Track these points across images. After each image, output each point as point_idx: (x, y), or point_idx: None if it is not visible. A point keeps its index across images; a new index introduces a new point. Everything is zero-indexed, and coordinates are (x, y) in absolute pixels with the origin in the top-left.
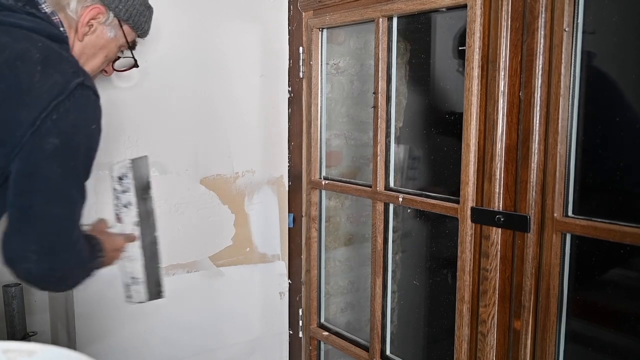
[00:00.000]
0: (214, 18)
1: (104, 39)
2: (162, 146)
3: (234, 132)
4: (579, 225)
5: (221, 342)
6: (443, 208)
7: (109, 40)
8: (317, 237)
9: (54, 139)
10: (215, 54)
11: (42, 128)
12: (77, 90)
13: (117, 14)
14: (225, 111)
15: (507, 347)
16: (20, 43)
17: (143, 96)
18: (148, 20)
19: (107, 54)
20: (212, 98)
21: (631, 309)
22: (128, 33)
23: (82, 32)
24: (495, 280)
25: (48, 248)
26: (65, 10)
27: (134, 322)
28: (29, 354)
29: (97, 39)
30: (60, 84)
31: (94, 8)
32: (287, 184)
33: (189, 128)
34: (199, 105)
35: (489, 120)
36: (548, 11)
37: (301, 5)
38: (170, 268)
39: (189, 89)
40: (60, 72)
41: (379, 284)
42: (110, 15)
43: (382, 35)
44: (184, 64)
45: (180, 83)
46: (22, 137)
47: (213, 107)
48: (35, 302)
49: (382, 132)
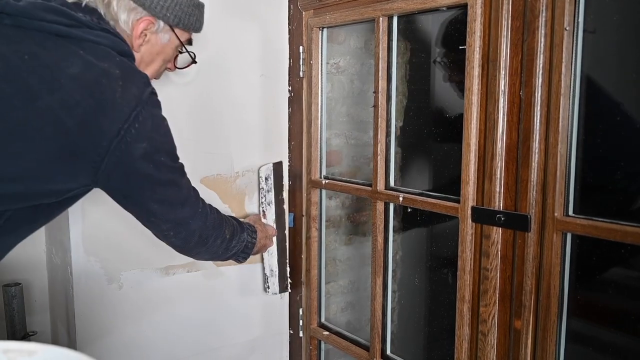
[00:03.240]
0: (214, 17)
1: (159, 45)
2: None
3: (234, 131)
4: (580, 225)
5: (221, 341)
6: (443, 207)
7: (163, 45)
8: (317, 237)
9: (142, 143)
10: (215, 53)
11: (126, 136)
12: (150, 98)
13: (166, 21)
14: (225, 110)
15: (508, 346)
16: (103, 61)
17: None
18: (199, 18)
19: (164, 57)
20: (212, 97)
21: (632, 309)
22: (181, 34)
23: (137, 44)
24: (496, 279)
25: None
26: (118, 24)
27: (134, 322)
28: (29, 354)
29: (152, 47)
30: (137, 95)
31: (144, 20)
32: (287, 183)
33: (189, 127)
34: (199, 104)
35: (490, 120)
36: (549, 10)
37: (301, 4)
38: (170, 268)
39: (188, 88)
40: (136, 85)
41: (380, 284)
42: (160, 23)
43: (382, 34)
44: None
45: (180, 82)
46: (109, 146)
47: (213, 106)
48: (35, 302)
49: (383, 132)
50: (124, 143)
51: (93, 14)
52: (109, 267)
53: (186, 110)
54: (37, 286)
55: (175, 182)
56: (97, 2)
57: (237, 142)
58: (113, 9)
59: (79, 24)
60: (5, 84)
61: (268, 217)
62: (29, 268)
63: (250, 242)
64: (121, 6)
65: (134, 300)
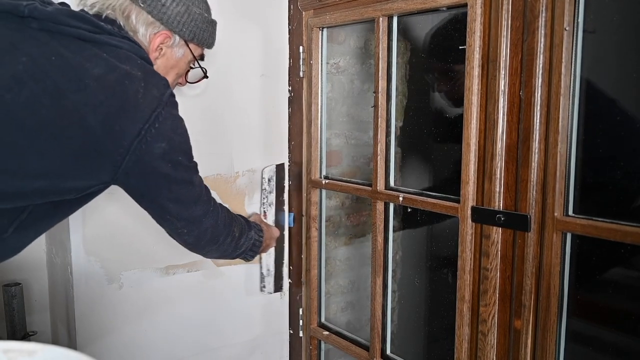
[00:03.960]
0: (214, 17)
1: (174, 59)
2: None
3: (234, 131)
4: (580, 225)
5: (221, 341)
6: (443, 207)
7: (178, 59)
8: (317, 237)
9: (161, 143)
10: (215, 53)
11: (147, 136)
12: (169, 99)
13: (182, 36)
14: (225, 110)
15: (508, 346)
16: (125, 64)
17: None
18: (212, 34)
19: (177, 71)
20: (212, 97)
21: (632, 309)
22: (194, 49)
23: (153, 57)
24: (496, 279)
25: (189, 222)
26: (136, 36)
27: (134, 322)
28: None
29: (167, 60)
30: (157, 97)
31: (161, 34)
32: (288, 183)
33: (189, 127)
34: (199, 104)
35: (489, 120)
36: (548, 10)
37: (301, 4)
38: (170, 268)
39: (188, 88)
40: (156, 87)
41: (379, 284)
42: (176, 38)
43: (382, 34)
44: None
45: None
46: (130, 145)
47: (213, 107)
48: (35, 301)
49: (383, 132)
50: (145, 143)
51: (114, 24)
52: (109, 267)
53: (186, 110)
54: (37, 286)
55: (191, 181)
56: (116, 14)
57: (237, 142)
58: (132, 22)
59: (101, 31)
60: (34, 83)
61: (269, 218)
62: (29, 268)
63: (257, 241)
64: (140, 20)
65: (134, 300)
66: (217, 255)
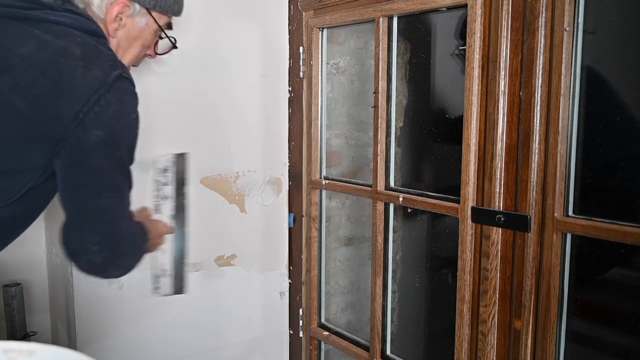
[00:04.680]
0: (214, 17)
1: (136, 30)
2: (162, 146)
3: (234, 131)
4: (580, 225)
5: (222, 341)
6: (443, 208)
7: (141, 29)
8: (317, 237)
9: (98, 131)
10: (215, 53)
11: (85, 121)
12: (116, 82)
13: (142, 4)
14: (226, 111)
15: (508, 346)
16: (61, 40)
17: (143, 96)
18: (178, 0)
19: (142, 42)
20: (212, 98)
21: (632, 309)
22: (159, 18)
23: (112, 28)
24: (496, 280)
25: (105, 238)
26: (90, 8)
27: (134, 322)
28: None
29: (128, 31)
30: (99, 78)
31: (118, 3)
32: (288, 183)
33: (189, 128)
34: (199, 104)
35: (490, 120)
36: (549, 11)
37: (301, 4)
38: None
39: (188, 89)
40: (99, 66)
41: (380, 284)
42: (135, 6)
43: (382, 34)
44: (183, 63)
45: (180, 82)
46: (66, 130)
47: (213, 107)
48: (35, 302)
49: (383, 132)
50: (81, 128)
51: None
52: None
53: (187, 110)
54: (37, 286)
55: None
56: None
57: (238, 142)
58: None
59: (39, 6)
60: None
61: (163, 213)
62: (29, 268)
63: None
64: None
65: (134, 300)
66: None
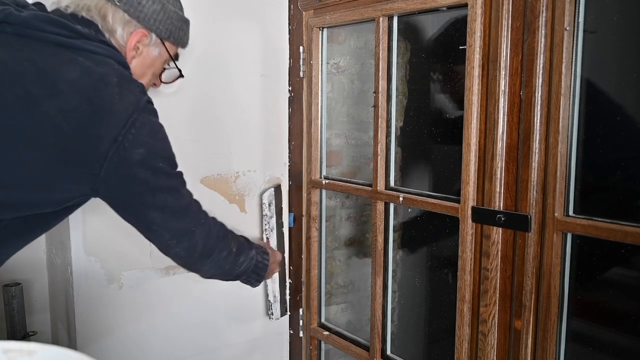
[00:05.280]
0: (214, 17)
1: (150, 59)
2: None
3: (234, 131)
4: (580, 225)
5: (222, 341)
6: (443, 207)
7: (154, 58)
8: (317, 237)
9: (140, 149)
10: (215, 53)
11: (124, 142)
12: (146, 105)
13: (158, 34)
14: (226, 110)
15: (508, 346)
16: (100, 67)
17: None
18: (186, 33)
19: (154, 71)
20: (212, 97)
21: (632, 309)
22: (170, 48)
23: (130, 56)
24: (496, 279)
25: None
26: (114, 36)
27: (134, 322)
28: (29, 354)
29: (143, 59)
30: (133, 102)
31: (138, 32)
32: (288, 183)
33: (189, 127)
34: (199, 104)
35: (490, 120)
36: (549, 10)
37: (301, 4)
38: (171, 268)
39: (188, 89)
40: (132, 93)
41: (380, 284)
42: (152, 36)
43: (382, 34)
44: (183, 63)
45: (180, 82)
46: (107, 152)
47: (213, 107)
48: (35, 302)
49: (383, 132)
50: (122, 149)
51: (90, 26)
52: (109, 267)
53: (187, 110)
54: (37, 286)
55: (176, 189)
56: (93, 15)
57: (238, 142)
58: (109, 22)
59: (78, 36)
60: (4, 89)
61: (271, 244)
62: (29, 268)
63: (261, 263)
64: (117, 19)
65: (134, 300)
66: (215, 272)
